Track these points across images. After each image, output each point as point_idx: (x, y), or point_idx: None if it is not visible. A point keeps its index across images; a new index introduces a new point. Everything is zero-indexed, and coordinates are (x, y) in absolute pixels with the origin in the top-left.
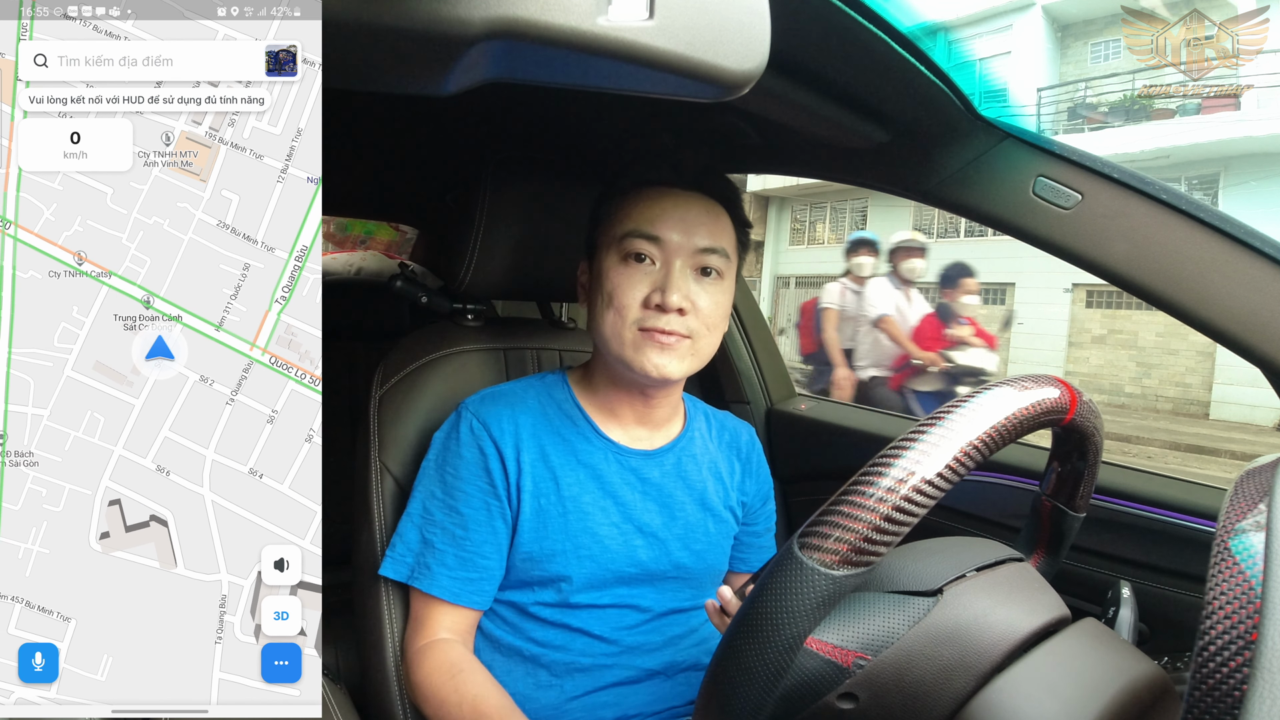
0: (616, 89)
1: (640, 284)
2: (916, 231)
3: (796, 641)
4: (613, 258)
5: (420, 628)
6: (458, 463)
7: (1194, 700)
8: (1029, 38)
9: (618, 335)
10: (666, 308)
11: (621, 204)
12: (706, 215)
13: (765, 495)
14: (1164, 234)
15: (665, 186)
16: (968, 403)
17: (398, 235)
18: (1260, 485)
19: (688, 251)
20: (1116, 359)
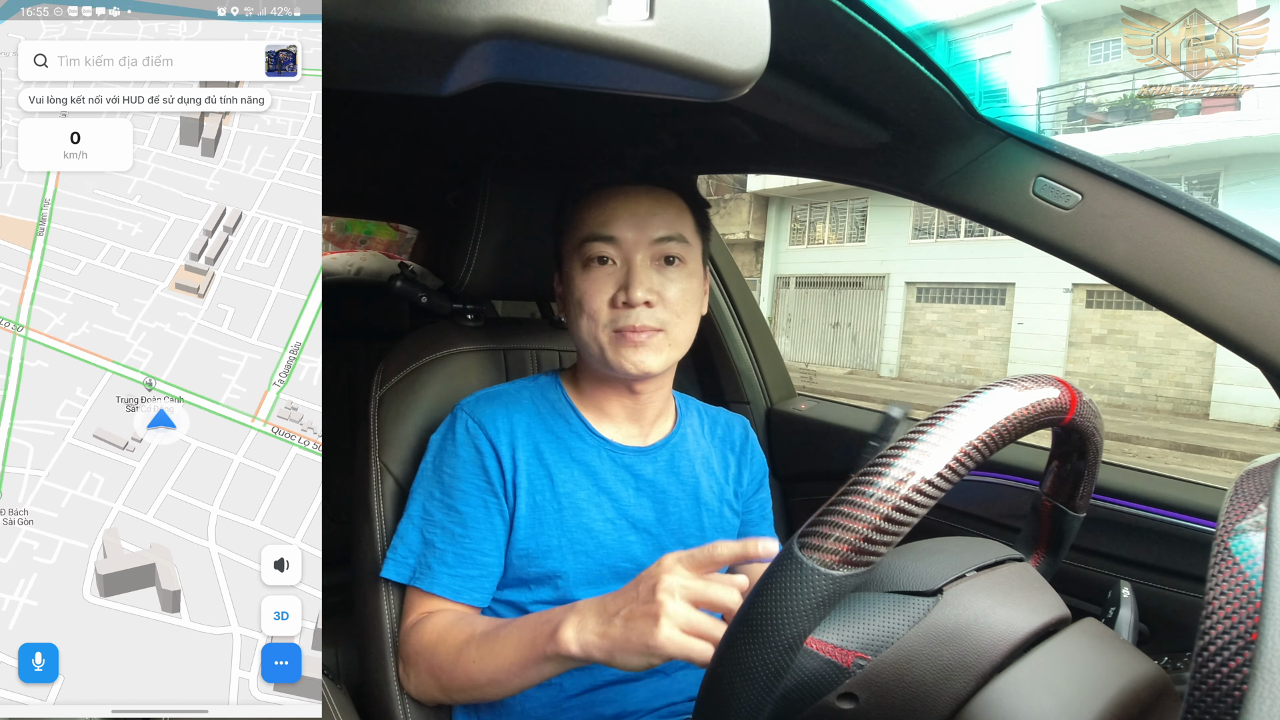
0: (616, 89)
1: (605, 286)
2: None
3: (796, 642)
4: (576, 265)
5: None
6: (455, 462)
7: (1194, 700)
8: (1029, 38)
9: (594, 339)
10: (632, 303)
11: (575, 211)
12: (658, 205)
13: (760, 482)
14: (1164, 234)
15: (615, 186)
16: (968, 403)
17: (398, 235)
18: (1260, 485)
19: (645, 244)
20: (1116, 359)
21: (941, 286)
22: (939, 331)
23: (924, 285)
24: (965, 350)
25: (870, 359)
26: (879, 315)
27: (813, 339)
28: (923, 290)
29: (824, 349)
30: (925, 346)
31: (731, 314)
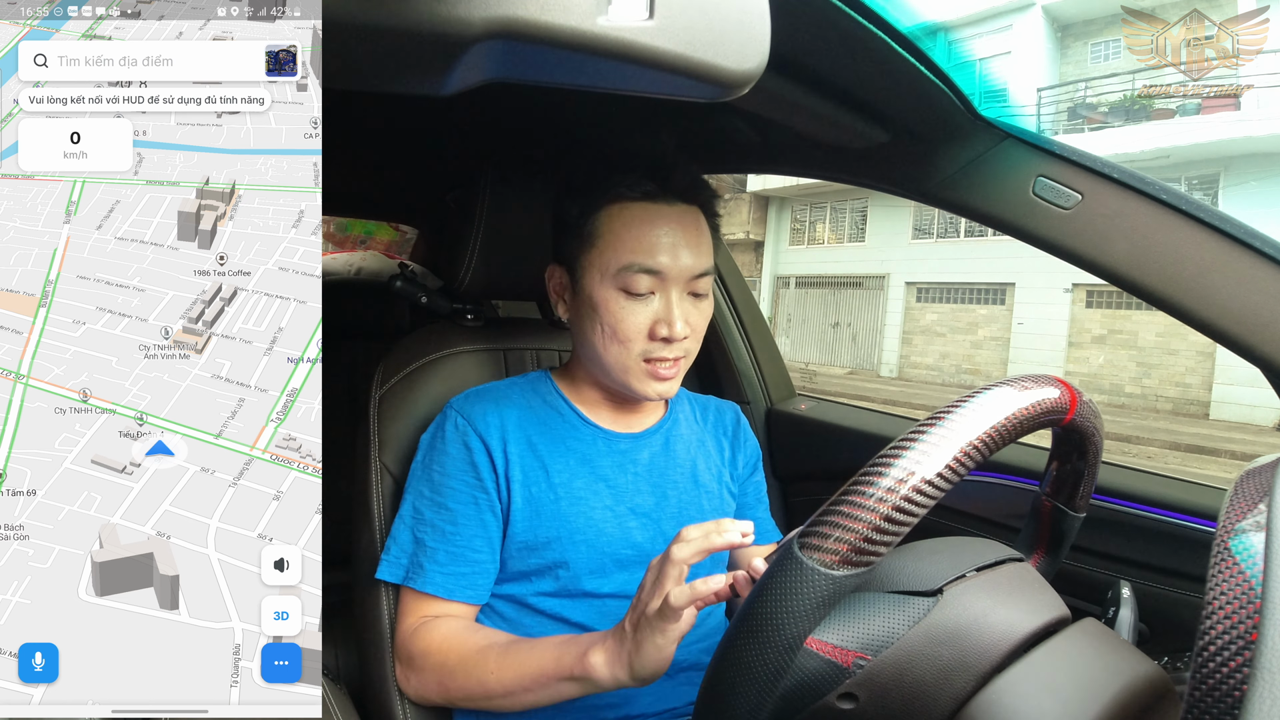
0: (616, 89)
1: (642, 316)
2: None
3: (796, 642)
4: (608, 288)
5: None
6: (444, 460)
7: (1194, 700)
8: (1029, 38)
9: (621, 365)
10: (673, 339)
11: (609, 224)
12: (696, 233)
13: (754, 465)
14: (1164, 234)
15: (649, 202)
16: (968, 403)
17: (398, 235)
18: (1260, 485)
19: (683, 280)
20: (1116, 359)
21: (941, 286)
22: (939, 331)
23: (924, 285)
24: (965, 350)
25: (870, 359)
26: (879, 315)
27: (813, 339)
28: (923, 290)
29: (824, 349)
30: (925, 346)
31: (731, 314)
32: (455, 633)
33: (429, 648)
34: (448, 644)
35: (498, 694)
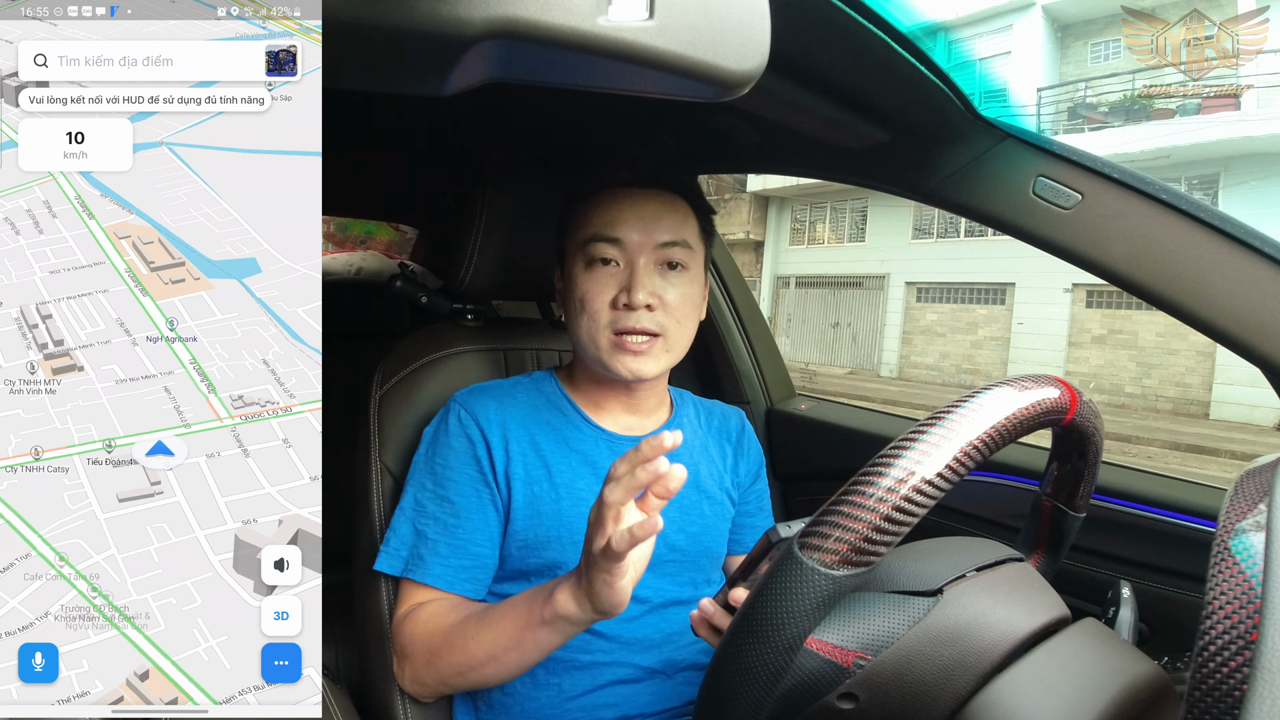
0: (616, 89)
1: (607, 286)
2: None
3: (796, 642)
4: (579, 264)
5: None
6: (447, 453)
7: (1194, 700)
8: (1029, 38)
9: (593, 340)
10: (634, 305)
11: (582, 209)
12: (665, 209)
13: (757, 473)
14: (1164, 234)
15: (622, 187)
16: (968, 403)
17: (398, 235)
18: (1260, 485)
19: (649, 248)
20: (1116, 359)
21: (941, 286)
22: (939, 331)
23: (924, 285)
24: (965, 350)
25: (870, 359)
26: (879, 315)
27: (813, 339)
28: (923, 290)
29: (824, 349)
30: (925, 346)
31: (731, 314)
32: (438, 613)
33: (415, 632)
34: (432, 623)
35: (482, 660)
